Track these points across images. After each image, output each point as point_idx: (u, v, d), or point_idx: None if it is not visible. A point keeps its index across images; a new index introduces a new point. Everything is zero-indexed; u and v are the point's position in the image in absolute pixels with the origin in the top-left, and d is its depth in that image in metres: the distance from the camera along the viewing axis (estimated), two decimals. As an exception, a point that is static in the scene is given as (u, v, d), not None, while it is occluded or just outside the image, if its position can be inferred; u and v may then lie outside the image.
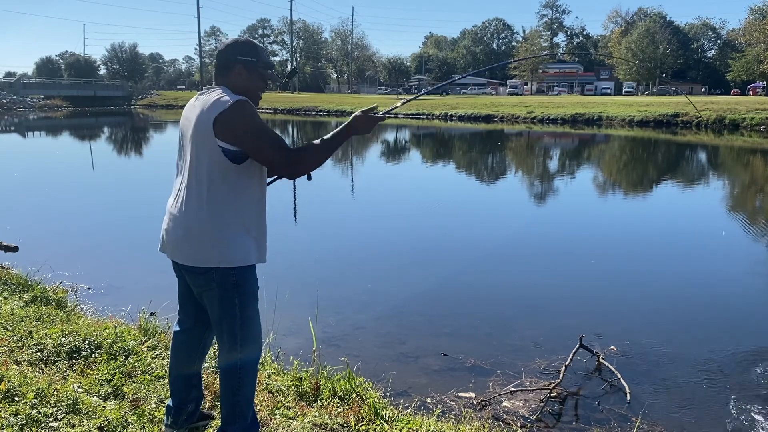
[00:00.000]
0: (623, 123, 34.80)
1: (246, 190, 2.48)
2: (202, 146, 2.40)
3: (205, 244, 2.44)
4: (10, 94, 56.15)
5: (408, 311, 5.87)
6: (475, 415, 3.70)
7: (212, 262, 2.44)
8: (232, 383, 2.61)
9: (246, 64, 2.50)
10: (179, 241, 2.50)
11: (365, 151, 25.35)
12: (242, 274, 2.50)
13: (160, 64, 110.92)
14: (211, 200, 2.42)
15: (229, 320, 2.54)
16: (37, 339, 3.91)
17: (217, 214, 2.42)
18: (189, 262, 2.49)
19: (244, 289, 2.52)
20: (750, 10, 66.84)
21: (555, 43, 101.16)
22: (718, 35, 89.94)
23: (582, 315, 5.85)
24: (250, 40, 2.59)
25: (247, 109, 2.39)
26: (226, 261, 2.44)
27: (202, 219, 2.43)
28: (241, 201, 2.47)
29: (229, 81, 2.51)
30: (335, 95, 74.01)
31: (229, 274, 2.47)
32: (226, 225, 2.43)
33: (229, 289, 2.48)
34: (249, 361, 2.61)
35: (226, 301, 2.50)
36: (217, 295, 2.51)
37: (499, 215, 11.59)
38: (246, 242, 2.50)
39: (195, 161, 2.43)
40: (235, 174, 2.43)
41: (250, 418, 2.70)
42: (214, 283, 2.48)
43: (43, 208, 11.20)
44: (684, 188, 15.64)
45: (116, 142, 30.06)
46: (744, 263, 7.94)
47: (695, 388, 4.31)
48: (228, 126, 2.35)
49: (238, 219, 2.46)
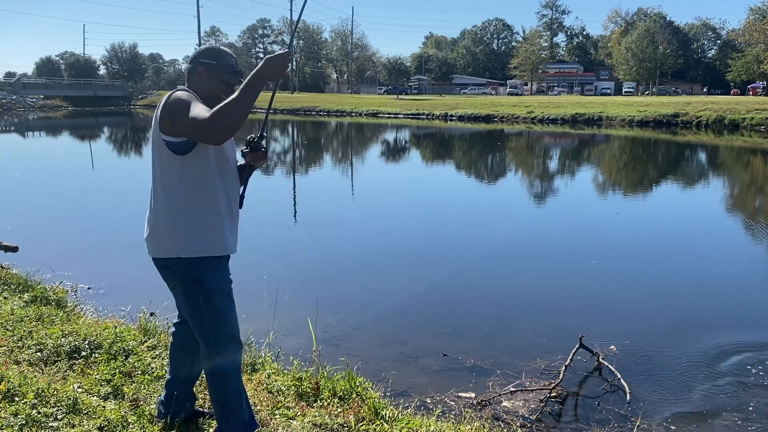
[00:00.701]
0: (623, 123, 34.80)
1: (199, 182, 2.54)
2: (156, 144, 2.53)
3: (165, 236, 2.55)
4: (10, 94, 56.14)
5: (408, 311, 5.87)
6: (475, 415, 3.70)
7: (171, 252, 2.54)
8: (215, 382, 2.67)
9: (207, 66, 2.60)
10: (148, 237, 2.63)
11: (365, 151, 25.36)
12: (203, 269, 2.56)
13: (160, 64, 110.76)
14: (168, 196, 2.53)
15: (196, 318, 2.62)
16: (37, 339, 3.92)
17: (174, 208, 2.53)
18: (153, 254, 2.62)
19: (206, 284, 2.57)
20: (750, 11, 67.00)
21: (555, 43, 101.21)
22: (718, 35, 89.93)
23: (582, 315, 5.85)
24: (214, 46, 2.70)
25: (181, 95, 2.46)
26: (184, 251, 2.53)
27: (161, 214, 2.55)
28: (196, 193, 2.53)
29: (191, 83, 2.63)
30: (335, 95, 74.00)
31: (189, 268, 2.54)
32: (183, 218, 2.53)
33: (189, 284, 2.57)
34: (227, 359, 2.64)
35: (190, 298, 2.59)
36: (181, 291, 2.60)
37: (499, 215, 11.59)
38: (204, 234, 2.56)
39: (154, 160, 2.57)
40: (185, 167, 2.50)
41: (247, 416, 2.72)
42: (177, 278, 2.58)
43: (43, 208, 11.20)
44: (684, 188, 15.64)
45: (116, 142, 30.07)
46: (744, 263, 7.95)
47: (695, 388, 4.31)
48: (165, 117, 2.45)
49: (194, 211, 2.53)
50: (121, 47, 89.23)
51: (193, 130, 2.37)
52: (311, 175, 18.34)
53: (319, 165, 20.83)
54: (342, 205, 12.29)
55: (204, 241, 2.55)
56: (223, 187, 2.60)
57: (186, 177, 2.51)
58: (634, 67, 70.65)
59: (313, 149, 26.35)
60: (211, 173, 2.55)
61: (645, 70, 70.46)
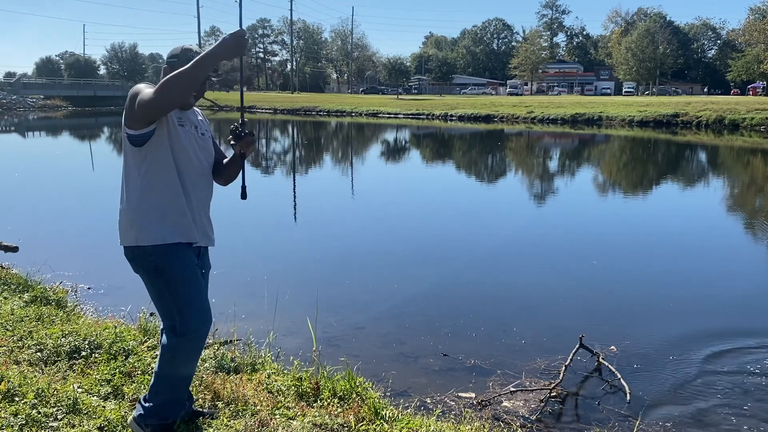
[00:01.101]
0: (623, 123, 34.80)
1: (157, 172, 2.63)
2: (123, 140, 2.67)
3: (127, 226, 2.68)
4: (10, 94, 56.11)
5: (408, 311, 5.87)
6: (475, 415, 3.70)
7: (131, 241, 2.67)
8: (162, 360, 2.76)
9: (171, 64, 2.67)
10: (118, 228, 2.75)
11: (365, 152, 25.36)
12: (163, 257, 2.64)
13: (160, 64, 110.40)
14: (130, 187, 2.67)
15: (162, 306, 2.73)
16: (37, 339, 3.92)
17: (135, 198, 2.65)
18: (120, 243, 2.72)
19: (168, 273, 2.66)
20: (750, 11, 67.02)
21: (555, 43, 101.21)
22: (718, 35, 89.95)
23: (582, 315, 5.85)
24: (179, 46, 2.75)
25: (135, 87, 2.57)
26: (142, 239, 2.64)
27: (124, 205, 2.69)
28: (153, 183, 2.63)
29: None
30: (335, 95, 74.01)
31: (149, 257, 2.65)
32: (142, 207, 2.64)
33: (151, 273, 2.68)
34: (184, 345, 2.70)
35: (153, 286, 2.71)
36: (146, 279, 2.73)
37: (499, 215, 11.59)
38: (160, 222, 2.64)
39: (124, 155, 2.71)
40: (143, 159, 2.62)
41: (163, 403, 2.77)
42: (140, 267, 2.70)
43: (43, 208, 11.20)
44: (684, 188, 15.64)
45: (116, 142, 30.01)
46: (745, 263, 7.94)
47: (695, 389, 4.31)
48: (125, 110, 2.56)
49: (151, 201, 2.64)
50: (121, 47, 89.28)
51: (144, 107, 2.46)
52: (311, 175, 18.33)
53: (319, 165, 20.82)
54: (342, 205, 12.29)
55: (160, 229, 2.64)
56: (181, 177, 2.67)
57: (143, 168, 2.63)
58: (634, 67, 70.68)
59: (313, 149, 26.35)
60: (168, 164, 2.64)
61: (645, 70, 70.49)
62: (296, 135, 35.19)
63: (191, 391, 3.10)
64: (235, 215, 10.45)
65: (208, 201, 2.89)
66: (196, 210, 2.75)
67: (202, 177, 2.80)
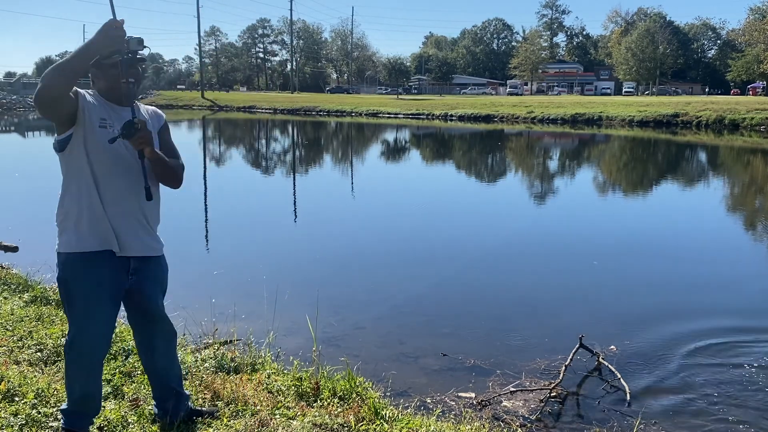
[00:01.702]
0: (623, 123, 34.80)
1: (72, 178, 2.64)
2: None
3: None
4: (10, 94, 56.17)
5: (408, 311, 5.87)
6: (475, 415, 3.70)
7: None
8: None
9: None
10: None
11: (365, 152, 25.36)
12: (66, 266, 2.66)
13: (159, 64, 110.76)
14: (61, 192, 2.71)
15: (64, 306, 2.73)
16: (37, 339, 3.92)
17: (59, 204, 2.71)
18: None
19: (69, 284, 2.65)
20: (750, 10, 67.05)
21: (555, 43, 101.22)
22: (718, 35, 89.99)
23: (582, 315, 5.85)
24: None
25: None
26: (59, 246, 2.69)
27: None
28: (69, 189, 2.66)
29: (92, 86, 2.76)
30: (335, 95, 73.99)
31: (59, 265, 2.68)
32: (60, 213, 2.69)
33: (59, 281, 2.71)
34: (68, 348, 2.65)
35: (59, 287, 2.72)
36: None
37: (499, 215, 11.59)
38: (75, 230, 2.64)
39: None
40: (65, 163, 2.65)
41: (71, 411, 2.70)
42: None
43: (44, 208, 11.16)
44: (684, 188, 15.64)
45: (116, 142, 30.00)
46: (745, 263, 7.95)
47: (695, 388, 4.31)
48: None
49: (68, 207, 2.67)
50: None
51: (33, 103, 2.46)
52: (311, 175, 18.33)
53: (319, 165, 20.83)
54: (342, 205, 12.29)
55: (74, 237, 2.63)
56: (98, 182, 2.59)
57: (64, 173, 2.66)
58: (634, 67, 70.70)
59: (313, 149, 26.35)
60: (82, 169, 2.59)
61: (645, 70, 70.51)
62: (296, 135, 35.19)
63: (189, 391, 3.10)
64: (235, 215, 10.46)
65: (143, 205, 2.66)
66: (119, 216, 2.60)
67: (130, 181, 2.61)
